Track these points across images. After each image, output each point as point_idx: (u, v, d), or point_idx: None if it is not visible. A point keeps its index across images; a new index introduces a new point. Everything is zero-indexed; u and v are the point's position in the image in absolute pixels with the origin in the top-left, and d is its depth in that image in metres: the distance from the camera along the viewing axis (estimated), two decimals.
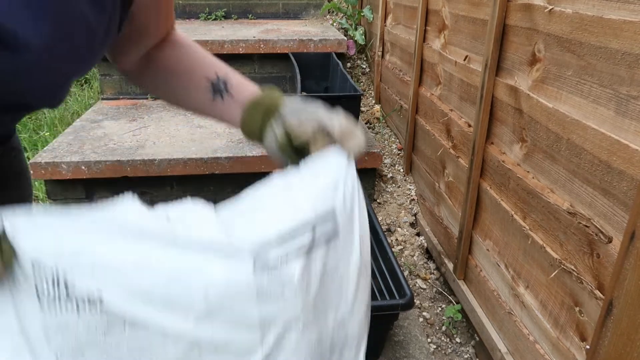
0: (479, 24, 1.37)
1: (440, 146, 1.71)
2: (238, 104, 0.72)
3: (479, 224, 1.40)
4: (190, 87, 0.73)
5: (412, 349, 1.40)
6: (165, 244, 0.48)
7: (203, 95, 0.73)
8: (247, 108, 0.71)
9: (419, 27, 1.88)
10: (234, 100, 0.73)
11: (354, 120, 0.70)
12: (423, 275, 1.76)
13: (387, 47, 2.55)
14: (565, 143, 0.98)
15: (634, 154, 0.78)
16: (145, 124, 2.30)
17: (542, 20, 1.04)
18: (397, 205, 2.09)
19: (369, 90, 2.90)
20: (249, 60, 2.71)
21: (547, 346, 1.06)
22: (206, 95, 0.72)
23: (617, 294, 0.77)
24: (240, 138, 2.12)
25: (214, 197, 2.05)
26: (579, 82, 0.93)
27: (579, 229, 0.93)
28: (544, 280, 1.07)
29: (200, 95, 0.73)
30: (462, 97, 1.52)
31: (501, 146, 1.27)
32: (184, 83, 0.73)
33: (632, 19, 0.79)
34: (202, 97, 0.73)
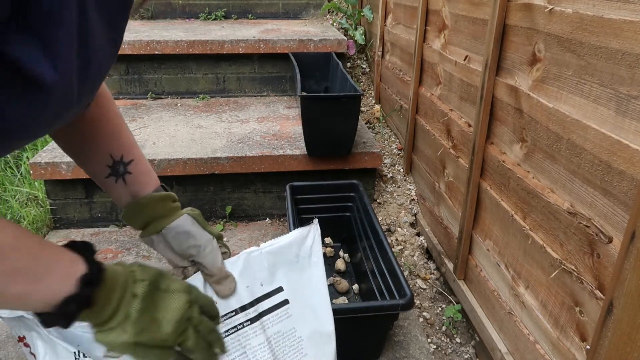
0: (479, 23, 1.37)
1: (440, 146, 1.71)
2: (127, 195, 0.74)
3: (479, 224, 1.40)
4: (91, 155, 0.73)
5: (412, 349, 1.40)
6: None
7: (99, 170, 0.73)
8: (132, 206, 0.73)
9: (419, 27, 1.87)
10: (125, 189, 0.74)
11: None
12: (423, 275, 1.76)
13: (387, 47, 2.55)
14: (565, 143, 0.98)
15: (635, 154, 0.78)
16: (145, 124, 2.30)
17: (542, 20, 1.04)
18: (397, 205, 2.09)
19: (369, 90, 2.90)
20: (249, 60, 2.71)
21: (547, 346, 1.06)
22: (102, 171, 0.73)
23: (618, 294, 0.76)
24: (240, 138, 2.12)
25: (213, 197, 2.05)
26: (579, 82, 0.93)
27: (579, 229, 0.93)
28: (544, 280, 1.07)
29: (97, 168, 0.73)
30: (462, 97, 1.52)
31: (501, 146, 1.27)
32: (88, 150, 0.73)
33: (632, 19, 0.79)
34: (99, 169, 0.73)
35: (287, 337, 0.77)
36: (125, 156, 0.73)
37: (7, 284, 0.48)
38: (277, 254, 0.78)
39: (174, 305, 0.60)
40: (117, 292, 0.56)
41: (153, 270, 0.61)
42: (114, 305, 0.56)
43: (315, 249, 0.80)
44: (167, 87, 2.72)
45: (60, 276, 0.52)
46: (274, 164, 1.98)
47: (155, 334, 0.58)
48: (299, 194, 1.77)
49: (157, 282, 0.61)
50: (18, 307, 0.54)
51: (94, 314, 0.55)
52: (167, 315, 0.59)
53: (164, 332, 0.58)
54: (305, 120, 1.88)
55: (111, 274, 0.57)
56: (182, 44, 2.60)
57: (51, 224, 2.00)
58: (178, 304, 0.60)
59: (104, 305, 0.55)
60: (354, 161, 2.02)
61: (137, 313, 0.57)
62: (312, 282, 0.80)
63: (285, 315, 0.78)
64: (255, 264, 0.77)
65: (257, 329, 0.75)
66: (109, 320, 0.56)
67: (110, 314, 0.56)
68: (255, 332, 0.75)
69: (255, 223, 2.08)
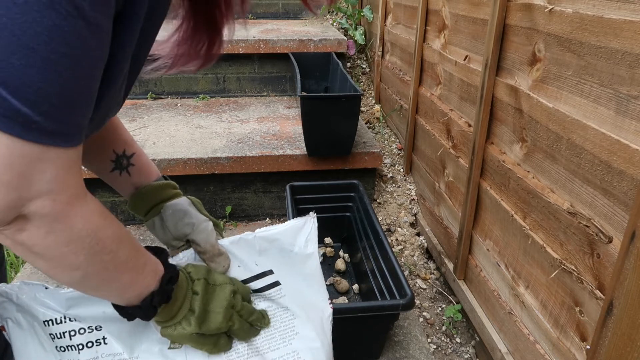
0: (479, 23, 1.37)
1: (441, 146, 1.71)
2: (131, 186, 0.79)
3: (479, 224, 1.40)
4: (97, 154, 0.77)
5: (412, 349, 1.40)
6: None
7: (103, 165, 0.77)
8: (135, 195, 0.78)
9: (419, 27, 1.87)
10: (128, 180, 0.78)
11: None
12: (423, 275, 1.76)
13: (387, 47, 2.55)
14: (565, 143, 0.98)
15: (634, 153, 0.78)
16: (145, 124, 2.30)
17: (542, 20, 1.04)
18: (397, 205, 2.09)
19: (369, 90, 2.90)
20: (249, 60, 2.71)
21: (547, 346, 1.06)
22: (106, 166, 0.77)
23: (618, 294, 0.76)
24: (240, 138, 2.12)
25: (213, 197, 2.05)
26: (579, 82, 0.93)
27: (579, 229, 0.93)
28: (544, 280, 1.07)
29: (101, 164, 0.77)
30: (462, 97, 1.52)
31: (501, 146, 1.27)
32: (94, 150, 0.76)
33: (632, 19, 0.79)
34: (103, 165, 0.77)
35: (278, 313, 0.77)
36: (128, 150, 0.77)
37: (121, 273, 0.56)
38: (271, 240, 0.78)
39: (222, 296, 0.68)
40: (182, 291, 0.65)
41: (203, 268, 0.70)
42: (180, 302, 0.64)
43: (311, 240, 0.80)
44: (167, 87, 2.72)
45: (151, 272, 0.61)
46: (274, 164, 1.98)
47: (211, 323, 0.66)
48: (299, 194, 1.77)
49: (208, 278, 0.69)
50: (118, 295, 0.59)
51: (166, 310, 0.63)
52: (217, 305, 0.67)
53: (217, 321, 0.67)
54: (305, 120, 1.88)
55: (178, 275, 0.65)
56: None
57: None
58: (225, 294, 0.68)
59: (172, 303, 0.63)
60: (354, 161, 2.02)
61: (199, 308, 0.65)
62: (307, 271, 0.80)
63: (278, 295, 0.78)
64: (248, 246, 0.78)
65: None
66: (175, 315, 0.64)
67: (176, 310, 0.64)
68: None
69: (255, 223, 2.08)
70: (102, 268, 0.53)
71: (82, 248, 0.50)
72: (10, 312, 0.68)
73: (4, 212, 0.44)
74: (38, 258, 0.49)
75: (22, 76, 0.40)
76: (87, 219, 0.50)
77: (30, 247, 0.48)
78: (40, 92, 0.41)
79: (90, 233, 0.50)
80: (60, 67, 0.41)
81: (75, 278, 0.52)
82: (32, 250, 0.48)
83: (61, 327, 0.69)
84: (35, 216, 0.46)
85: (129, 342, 0.71)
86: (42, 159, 0.44)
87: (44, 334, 0.69)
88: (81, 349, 0.69)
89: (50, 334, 0.69)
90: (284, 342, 0.75)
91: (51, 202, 0.46)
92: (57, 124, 0.43)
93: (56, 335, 0.69)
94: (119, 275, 0.56)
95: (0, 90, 0.39)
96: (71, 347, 0.69)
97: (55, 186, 0.46)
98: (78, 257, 0.50)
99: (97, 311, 0.69)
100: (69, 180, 0.47)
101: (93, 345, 0.69)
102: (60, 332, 0.69)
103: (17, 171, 0.43)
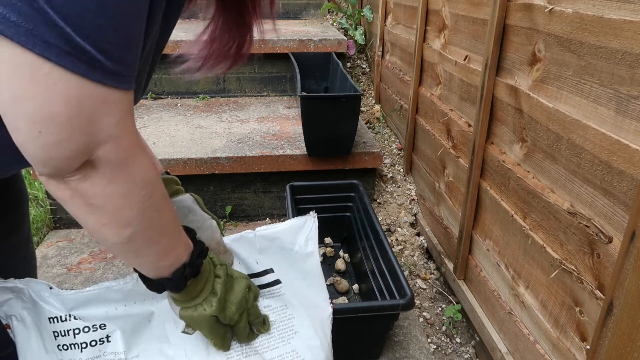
0: (479, 23, 1.37)
1: (441, 146, 1.71)
2: None
3: (479, 224, 1.40)
4: None
5: (412, 349, 1.40)
6: None
7: None
8: None
9: (419, 27, 1.87)
10: None
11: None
12: (423, 275, 1.76)
13: (387, 47, 2.55)
14: (565, 143, 0.98)
15: (634, 154, 0.78)
16: (145, 124, 2.30)
17: (542, 20, 1.04)
18: (397, 205, 2.09)
19: (369, 90, 2.90)
20: (249, 60, 2.70)
21: (547, 346, 1.06)
22: None
23: (618, 294, 0.76)
24: (240, 138, 2.12)
25: (213, 197, 2.05)
26: (579, 82, 0.93)
27: (579, 229, 0.93)
28: (544, 280, 1.07)
29: None
30: (462, 97, 1.52)
31: (501, 146, 1.27)
32: None
33: (632, 19, 0.79)
34: None
35: (277, 312, 0.77)
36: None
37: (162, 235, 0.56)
38: (272, 239, 0.79)
39: (239, 289, 0.69)
40: (205, 272, 0.65)
41: (223, 260, 0.71)
42: (203, 283, 0.65)
43: (311, 239, 0.80)
44: (167, 87, 2.72)
45: (184, 243, 0.61)
46: (274, 164, 1.98)
47: (227, 312, 0.67)
48: (299, 194, 1.77)
49: (227, 269, 0.70)
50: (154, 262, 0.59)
51: (191, 287, 0.63)
52: (233, 297, 0.68)
53: (231, 311, 0.67)
54: (305, 120, 1.88)
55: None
56: (182, 44, 2.60)
57: (51, 224, 2.00)
58: (241, 287, 0.69)
59: (198, 280, 0.64)
60: (354, 161, 2.02)
61: (221, 291, 0.66)
62: (307, 270, 0.80)
63: (277, 293, 0.78)
64: (248, 245, 0.78)
65: None
66: (198, 295, 0.65)
67: (200, 289, 0.65)
68: None
69: (255, 223, 2.08)
70: (149, 227, 0.53)
71: (137, 201, 0.50)
72: (15, 309, 0.69)
73: (75, 157, 0.45)
74: (93, 212, 0.49)
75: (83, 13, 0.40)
76: (146, 170, 0.51)
77: (89, 198, 0.48)
78: (100, 30, 0.41)
79: (147, 185, 0.51)
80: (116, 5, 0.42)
81: (122, 237, 0.52)
82: (90, 201, 0.48)
83: (66, 324, 0.69)
84: (102, 162, 0.46)
85: (131, 341, 0.71)
86: (107, 101, 0.44)
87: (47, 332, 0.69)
88: (84, 347, 0.69)
89: (54, 331, 0.69)
90: (283, 341, 0.75)
91: (117, 147, 0.47)
92: (116, 64, 0.44)
93: (60, 333, 0.69)
94: (160, 238, 0.56)
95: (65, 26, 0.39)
96: (74, 346, 0.69)
97: (119, 131, 0.46)
98: (132, 210, 0.50)
99: (99, 312, 0.70)
100: (131, 126, 0.48)
101: (97, 344, 0.70)
102: (65, 330, 0.69)
103: (87, 114, 0.43)
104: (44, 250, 1.84)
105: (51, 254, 1.82)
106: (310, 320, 0.78)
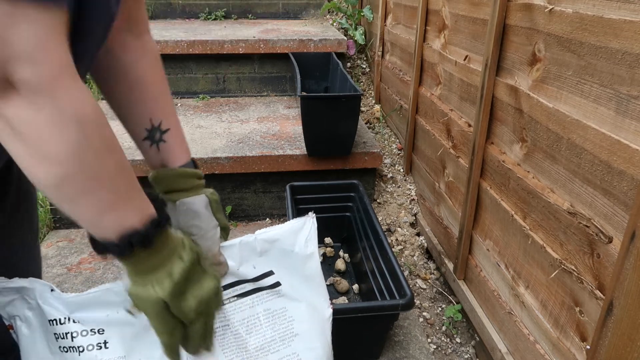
0: (479, 23, 1.37)
1: (441, 146, 1.71)
2: (158, 161, 0.76)
3: (479, 224, 1.40)
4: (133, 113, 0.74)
5: (412, 349, 1.40)
6: None
7: (138, 130, 0.75)
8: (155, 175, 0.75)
9: (419, 27, 1.87)
10: (157, 155, 0.75)
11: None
12: (423, 275, 1.76)
13: (387, 47, 2.55)
14: (565, 143, 0.98)
15: (634, 153, 0.78)
16: None
17: (542, 20, 1.04)
18: (397, 205, 2.09)
19: (369, 90, 2.90)
20: (249, 60, 2.71)
21: (547, 346, 1.06)
22: (140, 132, 0.74)
23: (618, 294, 0.76)
24: (240, 138, 2.12)
25: None
26: (579, 82, 0.93)
27: (579, 229, 0.93)
28: (544, 280, 1.07)
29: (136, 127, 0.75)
30: (462, 97, 1.52)
31: (501, 146, 1.27)
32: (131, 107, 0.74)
33: (632, 19, 0.79)
34: (138, 130, 0.75)
35: (277, 315, 0.77)
36: (164, 124, 0.74)
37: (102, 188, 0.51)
38: (272, 241, 0.78)
39: (206, 285, 0.63)
40: (167, 249, 0.59)
41: (197, 248, 0.65)
42: (160, 260, 0.58)
43: (311, 240, 0.80)
44: None
45: (136, 208, 0.56)
46: (274, 164, 1.98)
47: (182, 303, 0.60)
48: (299, 194, 1.77)
49: (198, 259, 0.64)
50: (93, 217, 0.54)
51: (142, 259, 0.57)
52: (197, 291, 0.61)
53: (189, 306, 0.60)
54: (305, 120, 1.88)
55: (169, 232, 0.60)
56: (182, 44, 2.60)
57: (51, 224, 2.00)
58: (209, 285, 0.63)
59: (153, 255, 0.58)
60: (354, 161, 2.02)
61: (179, 275, 0.59)
62: (307, 271, 0.80)
63: (277, 295, 0.78)
64: (248, 248, 0.77)
65: (244, 305, 0.76)
66: (151, 272, 0.58)
67: (154, 266, 0.58)
68: (242, 307, 0.76)
69: (255, 223, 2.08)
70: (83, 171, 0.49)
71: (66, 134, 0.47)
72: (19, 310, 0.69)
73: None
74: (19, 140, 0.46)
75: None
76: (76, 101, 0.47)
77: (15, 124, 0.45)
78: None
79: (78, 119, 0.47)
80: None
81: (52, 176, 0.48)
82: (15, 127, 0.46)
83: (64, 327, 0.69)
84: (21, 84, 0.44)
85: (130, 347, 0.70)
86: (22, 18, 0.42)
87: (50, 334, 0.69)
88: (82, 351, 0.69)
89: (55, 333, 0.69)
90: (284, 343, 0.75)
91: (36, 69, 0.44)
92: None
93: (60, 335, 0.69)
94: (99, 190, 0.51)
95: None
96: (72, 349, 0.69)
97: (39, 53, 0.44)
98: (60, 145, 0.47)
99: (100, 315, 0.69)
100: (53, 49, 0.45)
101: (93, 348, 0.69)
102: (63, 333, 0.69)
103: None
104: (44, 250, 1.84)
105: (51, 254, 1.82)
106: (310, 322, 0.78)
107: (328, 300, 0.81)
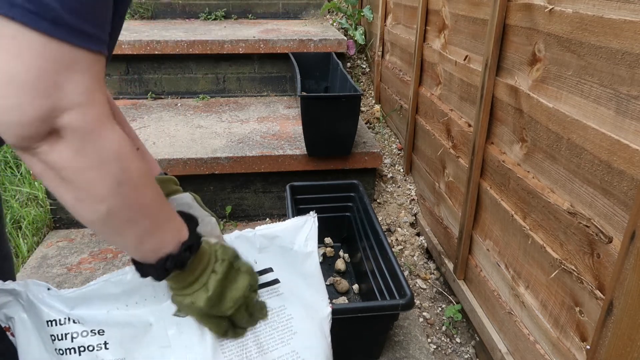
0: (479, 23, 1.37)
1: (441, 146, 1.71)
2: None
3: (479, 224, 1.40)
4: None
5: (412, 349, 1.40)
6: None
7: None
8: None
9: (419, 27, 1.87)
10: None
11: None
12: (423, 275, 1.76)
13: (387, 47, 2.55)
14: (565, 143, 0.98)
15: (635, 154, 0.78)
16: (145, 124, 2.30)
17: (543, 20, 1.04)
18: (397, 205, 2.09)
19: (369, 90, 2.90)
20: (249, 60, 2.71)
21: (547, 346, 1.06)
22: None
23: (618, 294, 0.76)
24: (240, 138, 2.12)
25: (213, 197, 2.05)
26: (579, 82, 0.93)
27: (579, 229, 0.93)
28: (544, 280, 1.07)
29: None
30: (462, 97, 1.52)
31: (501, 146, 1.27)
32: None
33: (632, 19, 0.79)
34: None
35: (276, 313, 0.77)
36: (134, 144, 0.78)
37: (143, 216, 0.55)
38: (271, 238, 0.78)
39: (239, 285, 0.68)
40: (201, 265, 0.64)
41: (231, 251, 0.70)
42: (196, 276, 0.64)
43: (311, 238, 0.80)
44: (167, 87, 2.72)
45: (172, 230, 0.60)
46: (274, 164, 1.98)
47: (220, 307, 0.66)
48: (299, 194, 1.77)
49: (233, 262, 0.69)
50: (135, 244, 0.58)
51: (179, 277, 0.63)
52: (231, 293, 0.67)
53: (226, 306, 0.67)
54: (305, 120, 1.88)
55: (201, 250, 0.65)
56: (182, 44, 2.60)
57: (51, 224, 2.00)
58: (243, 284, 0.68)
59: (189, 273, 0.63)
60: (354, 161, 2.02)
61: (214, 288, 0.64)
62: (306, 270, 0.80)
63: (275, 293, 0.78)
64: (247, 244, 0.78)
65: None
66: (188, 286, 0.64)
67: (190, 282, 0.64)
68: None
69: (255, 223, 2.08)
70: (125, 204, 0.52)
71: (109, 173, 0.49)
72: (16, 312, 0.68)
73: (37, 124, 0.43)
74: (66, 186, 0.48)
75: None
76: (116, 142, 0.49)
77: (60, 171, 0.47)
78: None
79: (119, 157, 0.50)
80: None
81: (99, 213, 0.51)
82: (61, 174, 0.47)
83: (63, 328, 0.68)
84: (68, 130, 0.45)
85: (131, 347, 0.70)
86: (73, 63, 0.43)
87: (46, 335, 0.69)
88: (82, 351, 0.69)
89: (52, 335, 0.68)
90: (283, 342, 0.75)
91: (83, 115, 0.45)
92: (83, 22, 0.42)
93: (57, 337, 0.68)
94: (141, 219, 0.55)
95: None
96: (71, 350, 0.69)
97: (86, 98, 0.45)
98: (104, 184, 0.49)
99: (100, 312, 0.69)
100: (99, 94, 0.47)
101: (94, 349, 0.69)
102: (62, 334, 0.68)
103: (50, 76, 0.42)
104: (44, 250, 1.84)
105: (51, 254, 1.82)
106: (309, 320, 0.78)
107: (327, 299, 0.81)
